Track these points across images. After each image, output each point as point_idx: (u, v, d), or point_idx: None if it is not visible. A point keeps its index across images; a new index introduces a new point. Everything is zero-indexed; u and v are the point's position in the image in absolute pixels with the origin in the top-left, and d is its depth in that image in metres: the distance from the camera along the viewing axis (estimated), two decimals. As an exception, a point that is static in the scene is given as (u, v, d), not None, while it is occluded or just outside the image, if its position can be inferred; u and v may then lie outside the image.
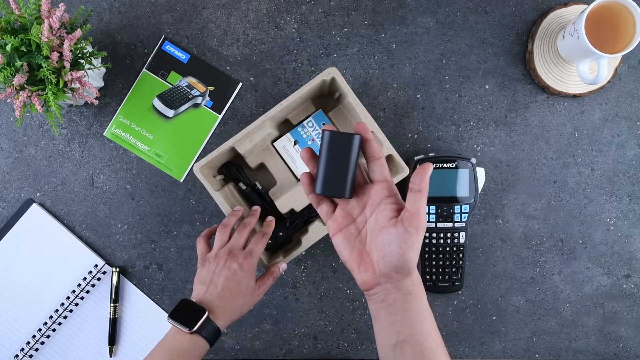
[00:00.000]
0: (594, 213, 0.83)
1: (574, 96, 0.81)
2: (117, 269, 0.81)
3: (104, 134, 0.82)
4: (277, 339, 0.83)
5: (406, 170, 0.73)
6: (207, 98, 0.82)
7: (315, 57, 0.82)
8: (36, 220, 0.82)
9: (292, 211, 0.75)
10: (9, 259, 0.82)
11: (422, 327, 0.50)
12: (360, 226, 0.52)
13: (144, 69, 0.82)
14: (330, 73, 0.71)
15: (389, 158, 0.74)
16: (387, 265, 0.49)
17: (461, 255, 0.79)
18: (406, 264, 0.48)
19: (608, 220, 0.83)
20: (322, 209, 0.53)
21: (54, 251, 0.82)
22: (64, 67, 0.67)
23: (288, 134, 0.78)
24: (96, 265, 0.82)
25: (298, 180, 0.79)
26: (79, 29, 0.68)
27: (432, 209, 0.78)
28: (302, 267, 0.83)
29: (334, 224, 0.52)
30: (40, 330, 0.81)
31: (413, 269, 0.50)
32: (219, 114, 0.82)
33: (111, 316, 0.82)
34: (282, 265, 0.72)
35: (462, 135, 0.82)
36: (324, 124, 0.77)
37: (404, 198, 0.50)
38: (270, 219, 0.74)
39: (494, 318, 0.83)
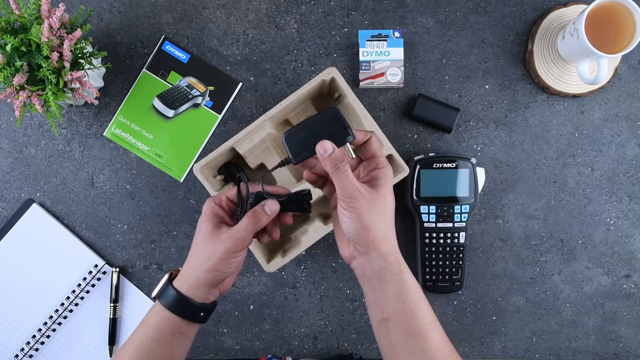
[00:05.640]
0: (594, 213, 0.83)
1: (574, 96, 0.81)
2: (117, 269, 0.81)
3: (104, 134, 0.82)
4: (277, 339, 0.83)
5: (406, 170, 0.73)
6: (207, 98, 0.82)
7: (315, 57, 0.82)
8: (36, 220, 0.82)
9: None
10: (9, 259, 0.82)
11: (404, 306, 0.49)
12: None
13: (144, 69, 0.82)
14: (330, 73, 0.71)
15: (389, 158, 0.74)
16: (348, 237, 0.50)
17: (461, 255, 0.79)
18: (358, 236, 0.49)
19: (608, 220, 0.83)
20: (326, 189, 0.54)
21: (54, 251, 0.82)
22: (64, 67, 0.67)
23: None
24: (96, 265, 0.82)
25: (297, 180, 0.79)
26: (79, 29, 0.68)
27: (432, 209, 0.78)
28: (302, 267, 0.83)
29: (332, 202, 0.54)
30: (40, 330, 0.81)
31: (371, 241, 0.49)
32: (219, 114, 0.82)
33: (111, 316, 0.82)
34: (269, 203, 0.52)
35: (462, 135, 0.82)
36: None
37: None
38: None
39: (494, 318, 0.83)
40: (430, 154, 0.77)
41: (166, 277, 0.54)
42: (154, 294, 0.54)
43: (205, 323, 0.55)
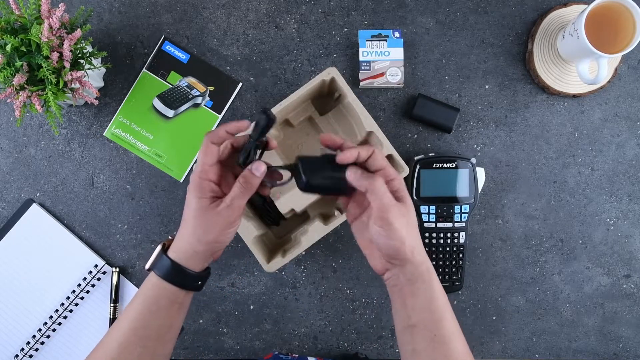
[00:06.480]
0: (594, 213, 0.83)
1: (574, 96, 0.81)
2: (117, 269, 0.81)
3: (104, 134, 0.82)
4: (277, 339, 0.83)
5: (406, 170, 0.73)
6: (207, 98, 0.82)
7: (315, 57, 0.82)
8: (36, 220, 0.82)
9: (292, 211, 0.75)
10: (9, 259, 0.82)
11: (431, 314, 0.50)
12: (367, 216, 0.54)
13: (144, 69, 0.82)
14: (330, 73, 0.71)
15: (389, 158, 0.74)
16: (384, 253, 0.51)
17: (461, 255, 0.79)
18: (396, 253, 0.50)
19: (608, 220, 0.83)
20: (341, 201, 0.57)
21: (54, 251, 0.82)
22: (64, 67, 0.67)
23: None
24: (96, 265, 0.82)
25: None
26: (79, 29, 0.68)
27: (432, 209, 0.78)
28: (302, 267, 0.83)
29: (349, 215, 0.56)
30: (40, 330, 0.81)
31: (409, 256, 0.50)
32: (219, 114, 0.82)
33: (111, 316, 0.82)
34: (255, 165, 0.51)
35: (462, 135, 0.82)
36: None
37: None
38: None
39: (494, 318, 0.83)
40: (430, 154, 0.77)
41: (159, 248, 0.54)
42: (147, 265, 0.54)
43: (200, 291, 0.55)
